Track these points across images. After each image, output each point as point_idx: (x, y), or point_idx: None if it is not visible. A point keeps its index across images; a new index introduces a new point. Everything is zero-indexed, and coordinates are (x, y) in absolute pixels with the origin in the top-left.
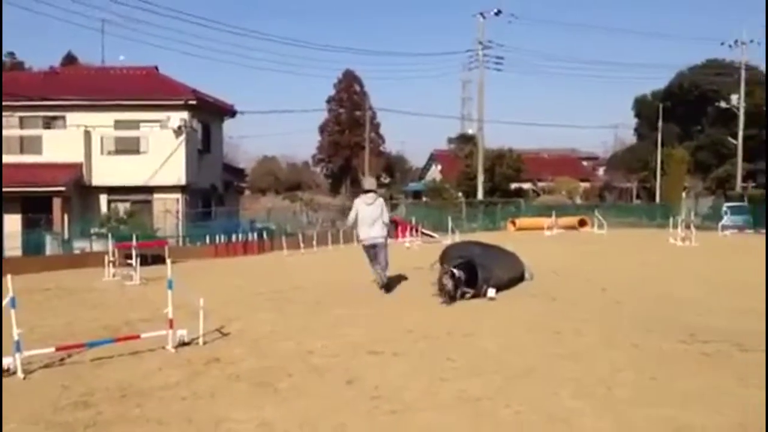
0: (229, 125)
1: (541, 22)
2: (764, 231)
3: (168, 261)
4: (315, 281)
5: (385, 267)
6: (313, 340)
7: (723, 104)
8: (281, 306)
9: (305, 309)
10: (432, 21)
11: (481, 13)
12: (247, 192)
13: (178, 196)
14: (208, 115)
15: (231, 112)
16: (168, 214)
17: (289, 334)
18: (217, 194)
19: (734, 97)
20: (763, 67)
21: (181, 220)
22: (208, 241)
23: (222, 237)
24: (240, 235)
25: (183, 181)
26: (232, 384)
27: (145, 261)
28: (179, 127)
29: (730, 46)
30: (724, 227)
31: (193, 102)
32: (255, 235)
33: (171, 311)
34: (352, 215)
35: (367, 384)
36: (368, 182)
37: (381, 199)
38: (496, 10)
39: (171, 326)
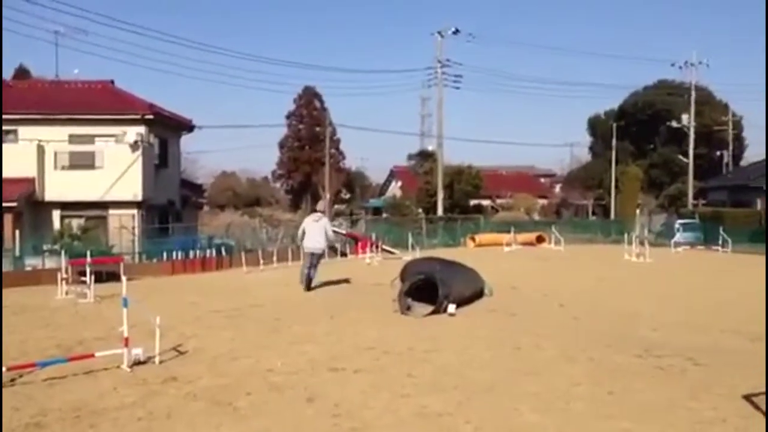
0: (187, 140)
1: (499, 42)
2: (716, 247)
3: (123, 278)
4: (275, 298)
5: (314, 272)
6: (273, 357)
7: (674, 124)
8: (240, 323)
9: (264, 326)
10: (392, 38)
11: (440, 32)
12: (205, 208)
13: (134, 211)
14: (166, 129)
15: (189, 127)
16: (124, 231)
17: (248, 352)
18: (174, 210)
19: (685, 117)
20: (711, 88)
21: (138, 237)
22: (165, 257)
23: (179, 253)
24: (198, 252)
25: (139, 197)
26: (189, 403)
27: (99, 278)
28: (136, 142)
29: (680, 67)
30: (677, 243)
31: (150, 116)
32: (213, 251)
33: (126, 329)
34: (301, 230)
35: (327, 401)
36: (320, 205)
37: (325, 219)
38: (454, 29)
39: (126, 345)
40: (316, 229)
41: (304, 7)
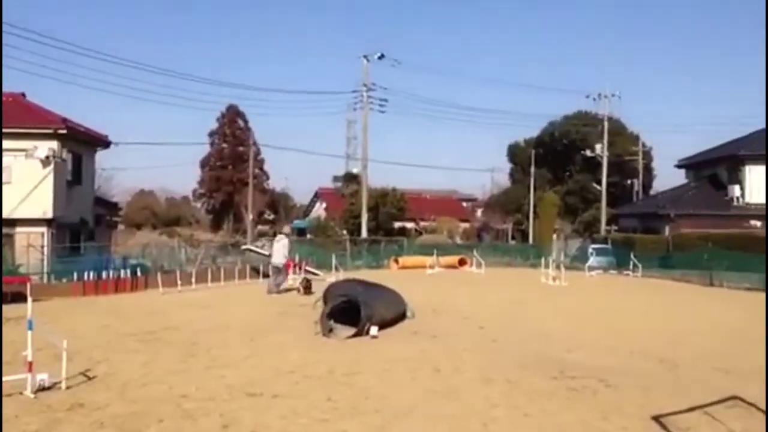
0: (102, 156)
1: (424, 69)
2: (627, 271)
3: (29, 299)
4: (192, 321)
5: (280, 282)
6: (187, 383)
7: (589, 153)
8: (154, 347)
9: (180, 350)
10: (319, 61)
11: (366, 56)
12: (120, 227)
13: (44, 229)
14: (80, 145)
15: (104, 143)
16: (32, 249)
17: (161, 377)
18: (87, 228)
19: (598, 147)
20: (623, 120)
21: (47, 256)
22: (75, 278)
23: (91, 274)
24: (111, 272)
25: (49, 214)
26: (96, 431)
27: (4, 299)
28: (47, 157)
29: (594, 99)
30: (591, 268)
31: (63, 131)
32: (128, 272)
33: (31, 353)
34: (270, 249)
35: (243, 428)
36: (285, 228)
37: (286, 239)
38: (379, 54)
39: (30, 369)
40: (278, 248)
41: (229, 24)
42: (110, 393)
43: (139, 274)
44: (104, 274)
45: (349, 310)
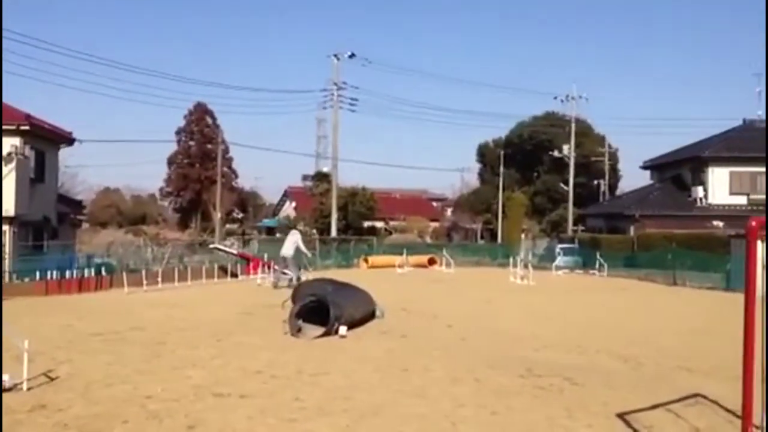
0: (67, 153)
1: (396, 69)
2: (593, 271)
3: None
4: (158, 320)
5: (286, 275)
6: (153, 383)
7: (556, 153)
8: (118, 347)
9: (145, 350)
10: (290, 59)
11: (335, 55)
12: (85, 225)
13: (6, 227)
14: (43, 141)
15: (69, 140)
16: None
17: (126, 378)
18: (50, 227)
19: (566, 148)
20: (590, 121)
21: (9, 255)
22: (38, 277)
23: (55, 273)
24: (75, 271)
25: (11, 212)
26: None
27: None
28: (9, 154)
29: (562, 100)
30: (558, 267)
31: (26, 127)
32: (93, 271)
33: None
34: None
35: (209, 429)
36: (300, 226)
37: (296, 234)
38: (350, 53)
39: None
40: (287, 241)
41: (199, 20)
42: (73, 394)
43: (103, 273)
44: (68, 273)
45: (318, 310)
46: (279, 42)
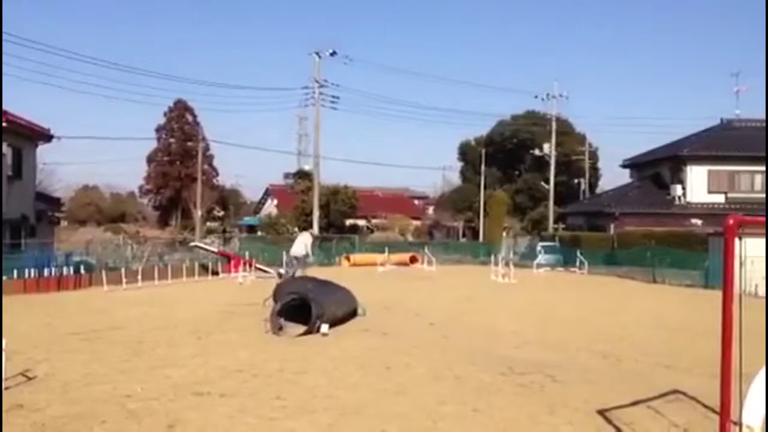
0: (44, 150)
1: (377, 67)
2: (573, 269)
3: None
4: (137, 319)
5: (295, 270)
6: (132, 382)
7: (537, 152)
8: (97, 346)
9: (124, 349)
10: (270, 56)
11: (317, 52)
12: (64, 223)
13: None
14: (21, 138)
15: (46, 137)
16: None
17: (105, 377)
18: (28, 224)
19: (546, 146)
20: (570, 120)
21: None
22: (16, 275)
23: (32, 271)
24: (53, 270)
25: None
26: None
27: None
28: None
29: (543, 99)
30: (539, 265)
31: (3, 124)
32: (71, 269)
33: None
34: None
35: (189, 428)
36: (313, 228)
37: (306, 236)
38: (331, 51)
39: None
40: (298, 241)
41: (179, 17)
42: (51, 394)
43: (82, 271)
44: (46, 272)
45: (299, 308)
46: (260, 39)
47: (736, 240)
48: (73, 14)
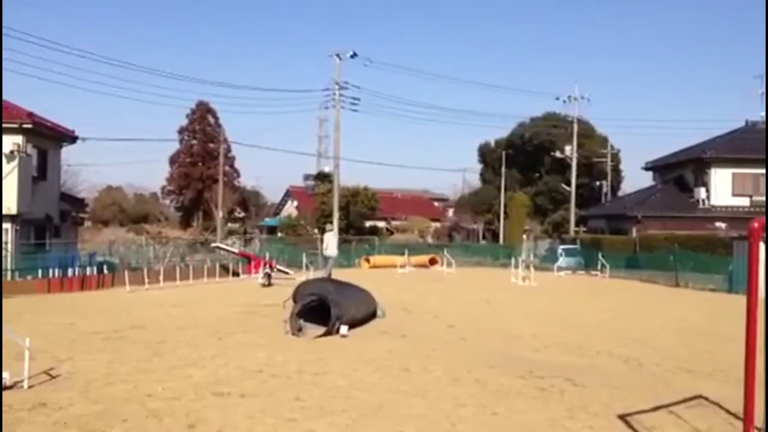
0: (69, 152)
1: (398, 69)
2: (594, 272)
3: None
4: (159, 319)
5: (330, 269)
6: (153, 382)
7: (558, 154)
8: (119, 346)
9: (146, 349)
10: (292, 58)
11: (338, 54)
12: (87, 223)
13: (8, 225)
14: (46, 140)
15: (71, 138)
16: None
17: (126, 376)
18: (52, 225)
19: (568, 149)
20: (592, 122)
21: (11, 252)
22: (40, 275)
23: (57, 271)
24: (77, 270)
25: (14, 210)
26: (58, 431)
27: None
28: (12, 152)
29: (564, 101)
30: (560, 268)
31: (29, 125)
32: (94, 269)
33: None
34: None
35: (209, 427)
36: (329, 225)
37: (330, 234)
38: (352, 53)
39: None
40: (330, 241)
41: (201, 20)
42: (73, 392)
43: (105, 271)
44: (70, 272)
45: (319, 309)
46: (281, 41)
47: (761, 244)
48: (99, 16)
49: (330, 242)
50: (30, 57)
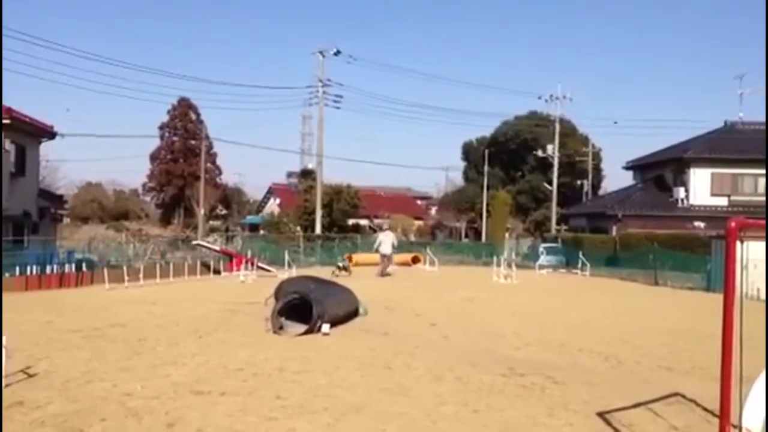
0: (48, 147)
1: (380, 66)
2: (575, 270)
3: None
4: (139, 317)
5: (386, 267)
6: (132, 381)
7: (540, 153)
8: (98, 344)
9: (125, 347)
10: (275, 55)
11: (321, 52)
12: (66, 220)
13: None
14: (24, 135)
15: (50, 134)
16: None
17: (105, 375)
18: (30, 221)
19: (550, 147)
20: (574, 121)
21: None
22: (18, 272)
23: (35, 268)
24: (56, 267)
25: None
26: (36, 430)
27: None
28: None
29: (546, 100)
30: (541, 266)
31: (7, 121)
32: (73, 266)
33: None
34: (378, 241)
35: (189, 427)
36: (386, 225)
37: (389, 234)
38: (335, 50)
39: None
40: (385, 241)
41: (183, 14)
42: (51, 391)
43: (84, 268)
44: (48, 269)
45: (300, 307)
46: (264, 38)
47: (738, 243)
48: (79, 11)
49: (384, 241)
50: (9, 51)
